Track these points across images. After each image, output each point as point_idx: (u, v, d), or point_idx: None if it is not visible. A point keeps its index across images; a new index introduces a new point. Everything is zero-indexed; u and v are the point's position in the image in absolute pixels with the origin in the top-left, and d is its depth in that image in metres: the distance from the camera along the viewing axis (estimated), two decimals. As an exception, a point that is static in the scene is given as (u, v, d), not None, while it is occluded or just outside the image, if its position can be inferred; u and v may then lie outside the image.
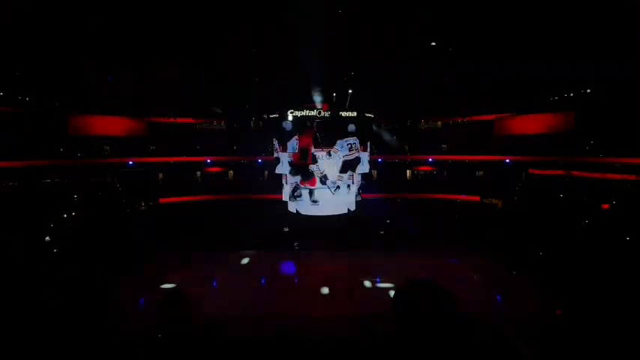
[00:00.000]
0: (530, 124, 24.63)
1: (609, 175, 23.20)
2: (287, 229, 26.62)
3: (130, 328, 12.58)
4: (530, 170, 27.49)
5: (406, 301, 0.99)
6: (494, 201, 29.47)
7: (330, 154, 18.30)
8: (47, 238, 17.73)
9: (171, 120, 28.32)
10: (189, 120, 31.23)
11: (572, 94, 22.53)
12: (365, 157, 20.15)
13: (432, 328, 0.95)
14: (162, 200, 29.19)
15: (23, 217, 20.45)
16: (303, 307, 17.45)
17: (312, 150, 17.82)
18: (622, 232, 19.37)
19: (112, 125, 23.73)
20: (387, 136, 30.47)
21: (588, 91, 20.97)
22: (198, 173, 33.17)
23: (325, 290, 20.27)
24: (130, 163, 28.79)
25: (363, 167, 20.20)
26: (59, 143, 24.91)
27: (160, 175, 30.94)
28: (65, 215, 24.08)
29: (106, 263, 21.25)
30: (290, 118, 18.37)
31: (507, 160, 28.89)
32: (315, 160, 17.91)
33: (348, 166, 18.93)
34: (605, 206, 22.76)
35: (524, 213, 25.49)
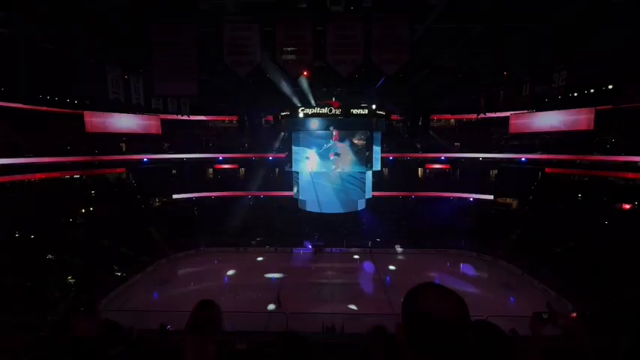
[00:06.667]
0: (548, 122, 23.86)
1: (631, 175, 22.32)
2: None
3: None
4: (547, 169, 26.72)
5: (417, 305, 0.96)
6: (508, 200, 28.83)
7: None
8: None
9: (185, 117, 28.64)
10: (202, 117, 31.63)
11: (592, 90, 21.66)
12: (377, 154, 19.99)
13: (443, 335, 0.91)
14: (176, 196, 29.74)
15: (43, 213, 21.15)
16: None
17: None
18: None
19: (127, 123, 24.25)
20: (398, 134, 30.14)
21: (610, 87, 20.12)
22: (210, 170, 33.63)
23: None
24: (145, 159, 29.43)
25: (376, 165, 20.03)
26: (77, 140, 25.65)
27: (174, 172, 31.51)
28: (83, 210, 24.82)
29: (121, 259, 21.82)
30: (301, 115, 18.31)
31: (523, 159, 28.15)
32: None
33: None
34: (627, 206, 21.95)
35: (539, 213, 24.83)
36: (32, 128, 23.18)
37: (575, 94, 22.02)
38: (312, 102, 17.80)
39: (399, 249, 26.46)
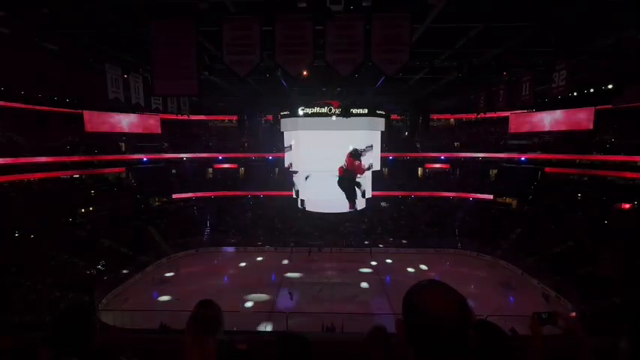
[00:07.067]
0: (548, 121, 23.88)
1: (630, 175, 22.33)
2: None
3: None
4: (547, 169, 26.74)
5: (418, 304, 0.95)
6: (508, 200, 28.85)
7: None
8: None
9: (185, 117, 28.62)
10: (202, 117, 31.62)
11: (592, 90, 21.66)
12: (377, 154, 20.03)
13: (445, 335, 0.90)
14: (175, 196, 29.73)
15: (43, 213, 21.13)
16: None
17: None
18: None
19: (126, 122, 24.21)
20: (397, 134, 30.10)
21: (610, 87, 20.12)
22: (210, 170, 33.63)
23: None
24: (145, 159, 29.41)
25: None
26: (76, 140, 25.63)
27: (174, 171, 31.50)
28: (83, 210, 24.80)
29: (121, 258, 21.81)
30: (300, 114, 18.30)
31: (523, 158, 28.16)
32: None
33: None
34: (627, 206, 21.95)
35: (539, 213, 24.83)
36: (32, 128, 23.19)
37: (575, 94, 22.01)
38: (312, 101, 17.81)
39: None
